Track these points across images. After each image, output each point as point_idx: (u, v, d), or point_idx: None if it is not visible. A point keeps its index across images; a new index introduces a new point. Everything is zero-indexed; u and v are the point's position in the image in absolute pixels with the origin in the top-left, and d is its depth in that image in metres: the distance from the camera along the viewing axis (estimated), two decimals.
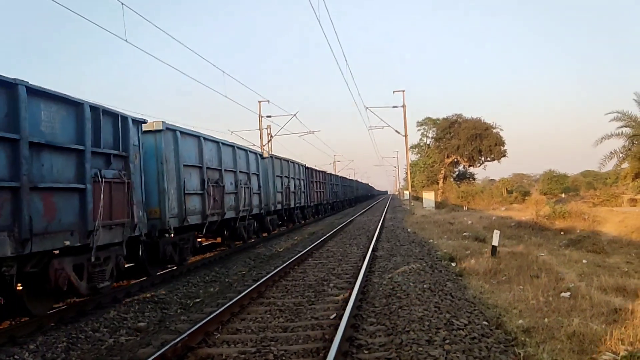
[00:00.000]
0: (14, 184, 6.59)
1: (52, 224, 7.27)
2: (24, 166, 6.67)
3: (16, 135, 6.59)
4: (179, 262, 12.26)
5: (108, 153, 8.78)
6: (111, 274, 8.94)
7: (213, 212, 13.72)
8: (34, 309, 7.52)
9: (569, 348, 6.00)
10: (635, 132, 26.26)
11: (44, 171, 7.18)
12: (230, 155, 15.74)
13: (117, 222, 8.91)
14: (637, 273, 12.74)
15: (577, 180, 67.86)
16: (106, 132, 8.75)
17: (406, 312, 7.04)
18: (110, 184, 8.70)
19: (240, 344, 6.27)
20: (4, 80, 6.51)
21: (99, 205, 8.25)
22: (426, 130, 62.91)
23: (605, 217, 23.59)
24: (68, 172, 7.71)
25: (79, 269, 8.01)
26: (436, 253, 14.40)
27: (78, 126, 7.94)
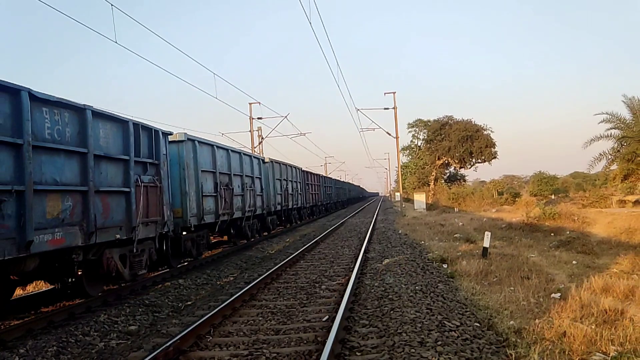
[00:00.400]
0: (84, 189, 8.34)
1: (107, 221, 9.00)
2: (90, 174, 8.45)
3: (85, 149, 8.39)
4: (196, 256, 13.91)
5: (145, 161, 10.52)
6: (146, 264, 10.59)
7: (224, 212, 15.36)
8: (90, 291, 9.20)
9: (560, 349, 6.05)
10: (623, 134, 26.49)
11: (102, 178, 8.94)
12: (238, 161, 17.48)
13: (152, 219, 10.65)
14: (626, 274, 12.84)
15: (567, 181, 68.32)
16: (143, 144, 10.48)
17: (398, 313, 7.06)
18: (147, 187, 10.41)
19: (232, 346, 6.25)
20: (77, 106, 8.30)
21: (139, 205, 10.00)
22: (417, 132, 63.15)
23: (595, 218, 23.76)
24: (117, 178, 9.49)
25: (123, 258, 9.73)
26: (427, 255, 14.44)
27: (124, 140, 9.74)
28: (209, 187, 14.51)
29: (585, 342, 6.28)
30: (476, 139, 52.88)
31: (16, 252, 6.87)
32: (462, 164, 56.38)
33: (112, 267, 9.30)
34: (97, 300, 9.21)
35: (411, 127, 63.19)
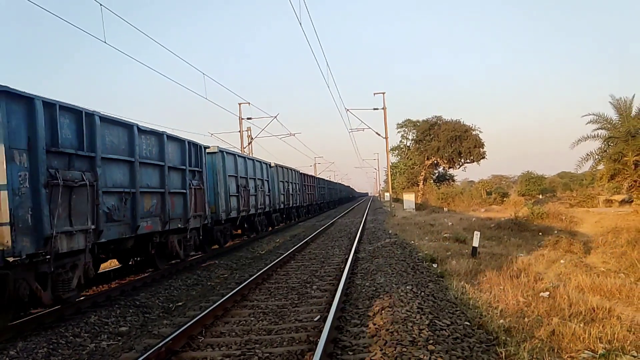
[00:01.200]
0: (162, 190, 11.63)
1: (174, 214, 12.21)
2: (165, 180, 11.72)
3: (162, 163, 11.66)
4: (223, 244, 17.39)
5: (194, 170, 13.73)
6: (193, 248, 14.19)
7: (243, 209, 19.03)
8: (160, 265, 12.42)
9: (549, 347, 6.12)
10: (610, 135, 26.78)
11: (171, 183, 12.11)
12: (252, 167, 21.26)
13: (198, 214, 13.80)
14: (613, 273, 13.00)
15: (554, 181, 68.90)
16: (192, 157, 13.67)
17: (389, 313, 7.09)
18: (195, 189, 13.56)
19: (225, 347, 6.25)
20: (158, 132, 11.58)
21: (191, 203, 13.14)
22: (406, 132, 63.34)
23: (582, 217, 24.03)
24: (179, 183, 12.71)
25: (180, 243, 12.93)
26: (417, 254, 14.50)
27: (182, 154, 12.99)
28: (233, 189, 18.14)
29: (573, 340, 6.37)
30: (465, 139, 53.16)
31: (130, 233, 10.09)
32: (451, 164, 56.64)
33: (174, 248, 12.61)
34: (86, 301, 9.19)
35: (400, 127, 63.40)
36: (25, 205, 7.13)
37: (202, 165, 14.35)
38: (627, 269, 13.58)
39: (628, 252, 15.02)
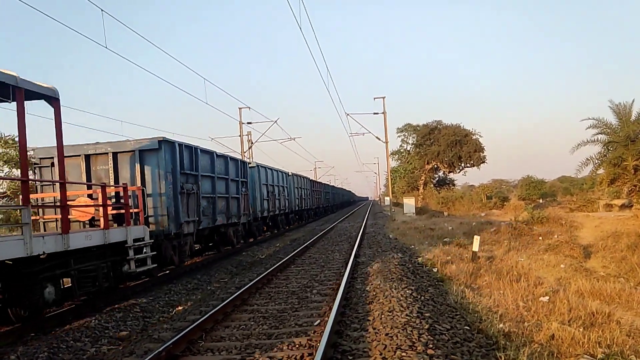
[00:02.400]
0: (227, 195, 16.74)
1: (232, 213, 17.34)
2: (228, 188, 16.95)
3: (227, 176, 16.80)
4: (257, 237, 22.61)
5: (243, 180, 19.00)
6: (242, 237, 19.71)
7: (271, 210, 25.22)
8: (221, 249, 17.29)
9: (548, 351, 6.14)
10: (610, 139, 26.80)
11: (231, 190, 17.21)
12: (277, 176, 27.20)
13: (245, 213, 19.11)
14: (613, 277, 13.02)
15: (554, 185, 68.90)
16: (241, 170, 18.84)
17: (389, 317, 7.11)
18: (244, 195, 18.97)
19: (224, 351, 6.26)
20: (225, 155, 16.87)
21: (242, 205, 18.45)
22: (406, 137, 63.37)
23: (582, 222, 24.04)
24: (235, 190, 17.79)
25: (234, 233, 18.05)
26: (417, 259, 14.52)
27: (236, 169, 18.21)
28: (265, 194, 23.98)
29: (573, 345, 6.38)
30: (465, 143, 53.21)
31: (212, 224, 15.45)
32: (451, 169, 56.67)
33: (230, 237, 17.65)
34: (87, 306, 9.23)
35: (400, 131, 63.43)
36: (171, 205, 12.43)
37: (247, 177, 19.86)
38: (627, 273, 13.61)
39: (628, 257, 15.06)
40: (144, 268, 10.55)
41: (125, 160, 12.28)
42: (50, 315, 8.36)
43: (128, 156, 12.27)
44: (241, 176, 18.69)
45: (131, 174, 12.21)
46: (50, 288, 8.06)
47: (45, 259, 7.92)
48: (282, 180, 28.53)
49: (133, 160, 12.19)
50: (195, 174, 13.85)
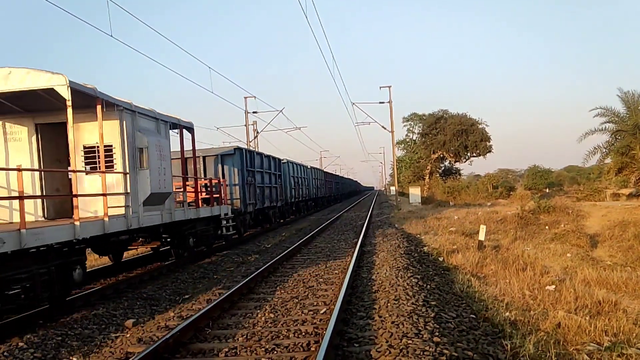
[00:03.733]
0: (269, 185, 23.56)
1: (272, 198, 23.93)
2: (271, 180, 23.93)
3: (270, 171, 23.87)
4: (286, 217, 28.56)
5: (278, 173, 25.42)
6: (278, 217, 25.66)
7: (296, 197, 31.24)
8: (264, 226, 22.96)
9: (555, 339, 6.14)
10: (618, 128, 26.62)
11: (272, 181, 24.07)
12: (300, 169, 33.35)
13: (280, 199, 25.59)
14: (620, 266, 12.98)
15: (561, 175, 68.60)
16: (277, 166, 25.48)
17: (395, 306, 7.12)
18: (280, 185, 25.77)
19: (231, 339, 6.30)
20: (267, 155, 24.08)
21: (278, 192, 25.17)
22: (412, 126, 63.25)
23: (589, 211, 23.93)
24: (274, 181, 24.53)
25: (273, 214, 24.19)
26: (423, 248, 14.53)
27: (275, 165, 25.05)
28: (292, 184, 29.86)
29: (579, 333, 6.38)
30: (471, 132, 52.97)
31: (261, 206, 21.66)
32: (457, 158, 56.49)
33: (271, 217, 23.80)
34: (96, 294, 9.35)
35: (406, 121, 63.31)
36: (242, 192, 18.62)
37: (281, 170, 26.43)
38: (634, 262, 13.57)
39: (635, 246, 15.01)
40: (230, 233, 15.68)
41: (211, 162, 18.51)
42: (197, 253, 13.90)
43: (213, 159, 18.58)
44: (277, 170, 25.39)
45: (215, 170, 18.41)
46: (192, 239, 13.32)
47: (190, 221, 13.03)
48: (303, 172, 34.57)
49: (216, 161, 18.56)
50: (252, 170, 20.53)
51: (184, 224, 12.51)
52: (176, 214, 11.88)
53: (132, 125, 10.12)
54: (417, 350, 5.11)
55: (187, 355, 5.83)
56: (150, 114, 11.05)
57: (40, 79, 8.27)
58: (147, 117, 10.96)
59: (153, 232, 11.64)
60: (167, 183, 11.27)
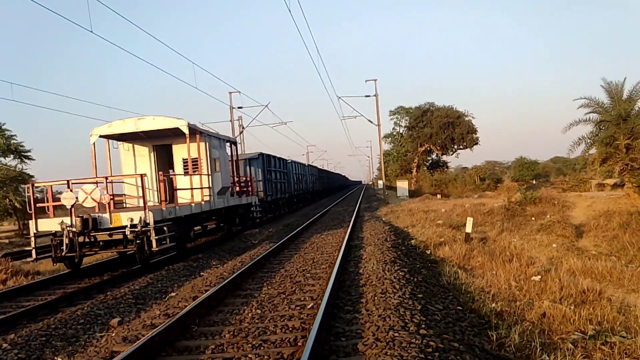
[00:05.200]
0: (280, 181, 30.57)
1: (280, 191, 30.43)
2: (281, 177, 31.09)
3: (279, 169, 30.69)
4: (292, 207, 34.99)
5: (285, 172, 32.34)
6: (285, 207, 32.93)
7: (297, 190, 37.16)
8: (272, 213, 28.35)
9: (540, 329, 6.18)
10: (602, 118, 26.84)
11: (281, 177, 31.12)
12: (301, 167, 40.12)
13: (287, 191, 32.88)
14: (604, 256, 13.12)
15: (548, 166, 69.25)
16: (284, 165, 32.23)
17: (382, 299, 7.12)
18: (286, 181, 32.64)
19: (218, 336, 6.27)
20: (277, 156, 30.56)
21: (286, 186, 32.36)
22: (399, 119, 63.45)
23: (574, 202, 24.16)
24: (283, 177, 31.69)
25: (282, 204, 31.65)
26: (411, 241, 14.56)
27: (283, 164, 31.97)
28: (295, 180, 36.20)
29: (564, 322, 6.43)
30: (457, 125, 53.23)
31: (276, 197, 28.68)
32: (444, 151, 56.78)
33: (281, 206, 31.19)
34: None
35: (393, 114, 63.45)
36: (265, 186, 26.01)
37: (287, 168, 32.72)
38: (619, 251, 13.72)
39: (619, 235, 15.18)
40: (258, 215, 21.22)
41: (241, 164, 22.50)
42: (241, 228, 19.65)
43: (243, 161, 23.99)
44: (284, 168, 31.79)
45: (244, 170, 24.14)
46: (237, 218, 18.76)
47: (236, 206, 18.20)
48: (302, 169, 40.90)
49: (245, 164, 24.89)
50: (270, 170, 27.39)
51: (233, 208, 17.90)
52: (230, 201, 17.23)
53: (210, 145, 15.31)
54: (403, 343, 5.10)
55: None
56: (217, 136, 16.61)
57: (172, 122, 13.60)
58: (216, 138, 16.35)
59: (218, 214, 16.57)
60: (227, 180, 16.96)
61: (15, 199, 38.24)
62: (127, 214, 11.40)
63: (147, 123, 13.65)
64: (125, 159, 15.59)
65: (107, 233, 11.34)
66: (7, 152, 39.66)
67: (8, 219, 44.31)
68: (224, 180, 16.33)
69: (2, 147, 38.81)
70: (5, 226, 48.45)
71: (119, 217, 11.37)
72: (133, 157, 15.59)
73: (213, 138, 15.83)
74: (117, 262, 13.20)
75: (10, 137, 39.40)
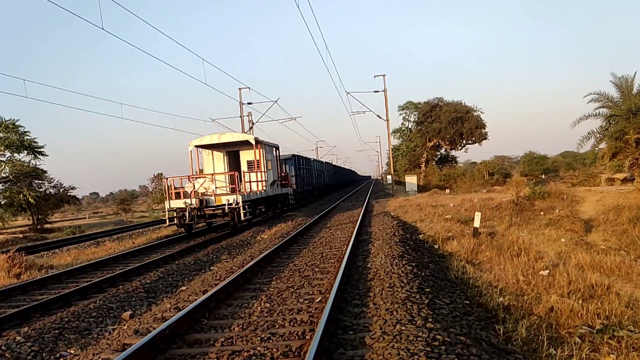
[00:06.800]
0: (305, 176, 37.25)
1: (307, 184, 37.60)
2: (306, 172, 37.85)
3: (305, 166, 37.79)
4: (314, 197, 40.66)
5: (309, 168, 39.08)
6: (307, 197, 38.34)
7: (318, 183, 43.44)
8: (297, 203, 31.23)
9: (547, 323, 6.20)
10: (612, 112, 26.60)
11: (307, 173, 37.84)
12: (320, 164, 47.81)
13: (311, 184, 39.73)
14: (613, 250, 13.07)
15: (557, 161, 68.82)
16: (309, 162, 39.75)
17: (389, 293, 7.16)
18: (310, 176, 39.48)
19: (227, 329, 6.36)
20: (304, 156, 38.52)
21: (310, 181, 39.00)
22: (408, 115, 63.15)
23: (584, 196, 24.02)
24: (307, 173, 37.95)
25: (306, 195, 37.48)
26: (419, 236, 14.59)
27: (307, 162, 39.25)
28: (315, 175, 42.11)
29: (572, 316, 6.45)
30: (466, 120, 52.99)
31: (303, 189, 35.39)
32: (453, 146, 56.55)
33: (306, 196, 37.00)
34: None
35: (402, 109, 63.19)
36: (297, 181, 33.02)
37: (310, 165, 38.28)
38: (628, 246, 13.66)
39: (629, 230, 15.09)
40: (292, 202, 27.02)
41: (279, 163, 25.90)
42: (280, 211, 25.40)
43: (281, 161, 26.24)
44: (308, 165, 37.95)
45: (281, 168, 25.95)
46: (279, 204, 24.65)
47: (279, 195, 24.01)
48: (321, 166, 47.99)
49: (282, 162, 26.78)
50: (299, 167, 34.08)
51: (278, 196, 24.03)
52: (277, 190, 23.43)
53: (265, 151, 21.36)
54: (410, 337, 5.16)
55: None
56: (268, 143, 22.62)
57: (244, 137, 20.30)
58: (268, 145, 22.46)
59: (268, 200, 22.27)
60: (275, 176, 23.37)
61: (30, 194, 38.58)
62: (225, 196, 17.73)
63: (227, 137, 20.35)
64: (206, 161, 21.75)
65: (213, 209, 17.65)
66: (20, 148, 40.00)
67: (22, 214, 44.73)
68: (273, 176, 22.81)
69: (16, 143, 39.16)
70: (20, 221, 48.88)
71: (221, 199, 17.66)
72: (212, 160, 21.67)
73: (266, 145, 21.94)
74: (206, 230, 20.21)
75: (24, 133, 39.75)
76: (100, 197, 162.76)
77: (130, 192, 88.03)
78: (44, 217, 43.14)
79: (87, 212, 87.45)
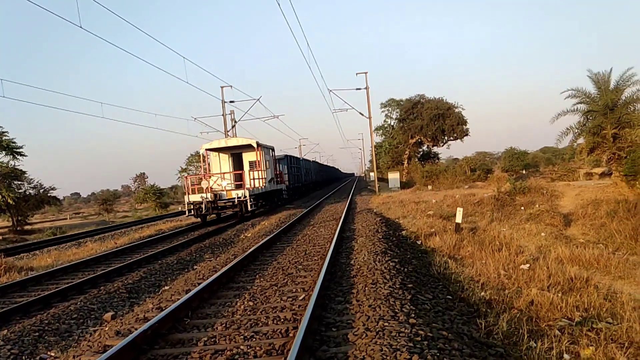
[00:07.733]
0: (295, 173, 40.66)
1: (297, 180, 41.53)
2: (296, 170, 41.37)
3: (295, 165, 41.51)
4: (303, 193, 43.71)
5: (298, 166, 42.58)
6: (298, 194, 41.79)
7: (306, 180, 47.42)
8: (289, 198, 34.90)
9: (528, 316, 6.29)
10: (589, 108, 27.03)
11: (296, 171, 41.50)
12: (307, 162, 51.30)
13: (299, 182, 42.93)
14: (592, 244, 13.28)
15: (537, 156, 69.64)
16: (297, 161, 43.22)
17: (372, 290, 7.20)
18: (299, 173, 42.75)
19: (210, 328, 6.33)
20: (295, 156, 42.63)
21: (299, 177, 42.07)
22: (390, 112, 63.34)
23: (563, 191, 24.37)
24: (297, 171, 41.68)
25: (296, 191, 40.23)
26: (402, 232, 14.67)
27: (296, 160, 42.98)
28: (304, 172, 45.73)
29: (551, 309, 6.55)
30: (448, 116, 53.36)
31: (294, 185, 39.09)
32: (435, 142, 56.91)
33: (296, 192, 39.75)
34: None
35: (384, 106, 63.36)
36: (290, 177, 36.32)
37: (299, 164, 42.91)
38: (606, 239, 13.89)
39: (607, 224, 15.34)
40: (286, 197, 31.15)
41: None
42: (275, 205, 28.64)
43: None
44: (298, 164, 41.50)
45: (275, 167, 28.69)
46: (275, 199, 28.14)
47: (274, 191, 27.29)
48: (308, 164, 51.67)
49: (277, 162, 29.72)
50: (291, 165, 37.24)
51: (275, 191, 27.35)
52: (274, 186, 26.74)
53: (264, 152, 24.63)
54: (393, 332, 5.19)
55: None
56: (266, 146, 25.97)
57: (248, 141, 23.91)
58: (266, 148, 25.94)
59: (266, 194, 25.20)
60: (272, 173, 26.71)
61: (9, 195, 37.94)
62: (235, 191, 21.46)
63: (232, 141, 24.56)
64: (213, 162, 25.54)
65: (224, 201, 21.37)
66: None
67: (2, 216, 43.94)
68: (271, 174, 26.65)
69: None
70: None
71: (231, 193, 21.39)
72: (219, 161, 25.37)
73: (265, 148, 25.61)
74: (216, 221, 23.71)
75: (2, 133, 39.14)
76: (82, 197, 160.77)
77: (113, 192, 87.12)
78: (23, 219, 42.50)
79: (69, 213, 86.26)
